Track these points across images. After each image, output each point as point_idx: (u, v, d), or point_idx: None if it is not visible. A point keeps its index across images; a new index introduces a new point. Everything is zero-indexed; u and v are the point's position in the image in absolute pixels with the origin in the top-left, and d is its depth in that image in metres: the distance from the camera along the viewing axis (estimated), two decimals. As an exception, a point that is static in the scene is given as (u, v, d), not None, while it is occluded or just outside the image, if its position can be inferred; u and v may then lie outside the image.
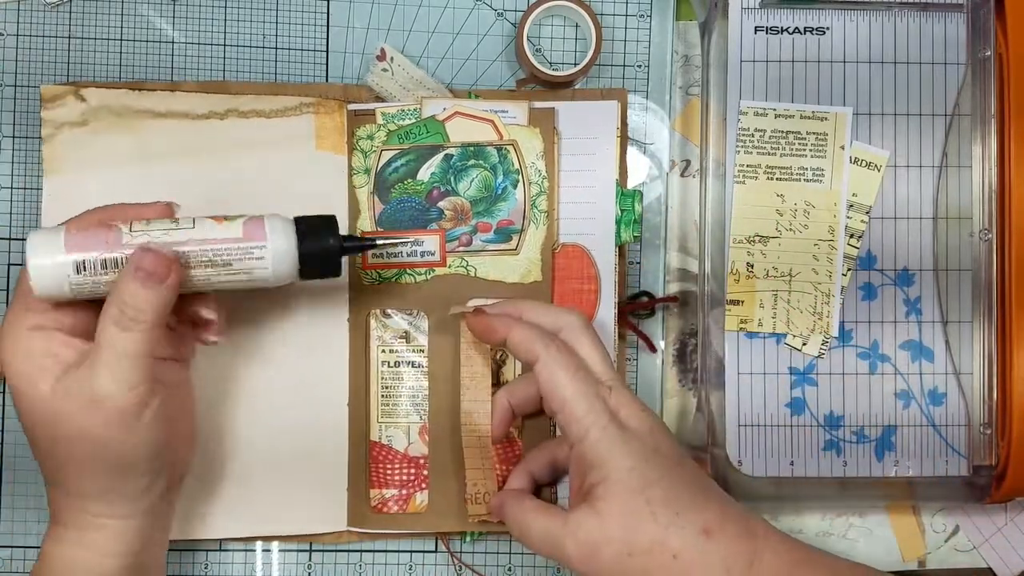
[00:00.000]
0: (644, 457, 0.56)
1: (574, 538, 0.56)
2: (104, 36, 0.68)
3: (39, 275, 0.53)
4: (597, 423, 0.56)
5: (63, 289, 0.54)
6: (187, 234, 0.55)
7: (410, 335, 0.67)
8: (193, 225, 0.56)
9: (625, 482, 0.56)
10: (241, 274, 0.56)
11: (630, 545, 0.55)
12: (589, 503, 0.56)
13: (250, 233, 0.56)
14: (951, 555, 0.71)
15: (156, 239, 0.55)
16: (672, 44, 0.70)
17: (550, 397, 0.58)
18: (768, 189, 0.67)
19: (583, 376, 0.58)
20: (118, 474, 0.56)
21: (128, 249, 0.54)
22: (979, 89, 0.66)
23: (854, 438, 0.67)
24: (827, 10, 0.67)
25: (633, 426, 0.57)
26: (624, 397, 0.58)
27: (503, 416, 0.64)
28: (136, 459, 0.56)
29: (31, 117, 0.68)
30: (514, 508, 0.60)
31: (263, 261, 0.56)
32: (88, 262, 0.54)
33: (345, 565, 0.69)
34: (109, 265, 0.54)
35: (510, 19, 0.69)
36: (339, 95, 0.67)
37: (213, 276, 0.56)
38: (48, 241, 0.54)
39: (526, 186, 0.67)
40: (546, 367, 0.58)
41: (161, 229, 0.55)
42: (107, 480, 0.56)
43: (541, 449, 0.64)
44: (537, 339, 0.58)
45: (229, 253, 0.56)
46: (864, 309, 0.67)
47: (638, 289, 0.69)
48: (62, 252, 0.54)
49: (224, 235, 0.56)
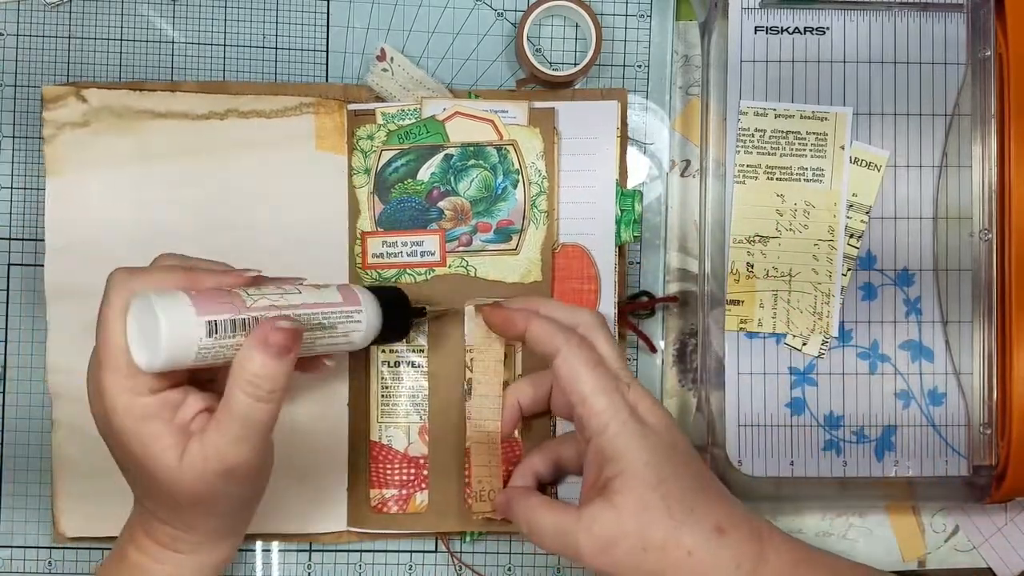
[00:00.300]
0: (662, 453, 0.56)
1: (588, 532, 0.56)
2: (104, 36, 0.68)
3: (173, 338, 0.49)
4: (617, 417, 0.57)
5: (189, 354, 0.50)
6: (300, 298, 0.55)
7: (410, 335, 0.67)
8: (300, 290, 0.56)
9: (642, 476, 0.56)
10: (340, 336, 0.57)
11: (645, 540, 0.55)
12: (605, 497, 0.56)
13: (347, 299, 0.57)
14: (951, 555, 0.71)
15: (276, 302, 0.54)
16: (672, 44, 0.70)
17: (570, 390, 0.58)
18: (768, 189, 0.67)
19: (603, 371, 0.58)
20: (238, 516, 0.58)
21: (253, 312, 0.52)
22: (979, 89, 0.66)
23: (854, 438, 0.67)
24: (827, 10, 0.67)
25: (651, 422, 0.57)
26: (641, 393, 0.58)
27: (512, 415, 0.65)
28: (252, 503, 0.58)
29: (31, 117, 0.68)
30: (522, 505, 0.60)
31: (360, 325, 0.58)
32: (220, 323, 0.51)
33: (345, 565, 0.69)
34: (238, 327, 0.52)
35: (510, 19, 0.69)
36: (339, 95, 0.67)
37: (319, 339, 0.56)
38: (175, 303, 0.50)
39: (526, 186, 0.67)
40: (567, 360, 0.58)
41: (276, 293, 0.54)
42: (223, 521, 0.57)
43: (545, 448, 0.64)
44: (558, 332, 0.59)
45: (335, 317, 0.56)
46: (864, 309, 0.67)
47: (638, 289, 0.69)
48: (192, 314, 0.50)
49: (328, 300, 0.56)
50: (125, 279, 0.52)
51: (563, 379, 0.58)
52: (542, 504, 0.59)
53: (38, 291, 0.66)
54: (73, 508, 0.66)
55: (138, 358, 0.51)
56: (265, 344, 0.51)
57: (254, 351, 0.51)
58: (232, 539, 0.59)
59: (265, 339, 0.51)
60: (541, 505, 0.59)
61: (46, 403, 0.67)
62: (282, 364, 0.52)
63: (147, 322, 0.50)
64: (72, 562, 0.68)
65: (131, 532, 0.58)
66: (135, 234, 0.66)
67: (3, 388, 0.68)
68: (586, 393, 0.57)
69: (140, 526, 0.57)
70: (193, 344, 0.50)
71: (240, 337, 0.52)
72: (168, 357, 0.50)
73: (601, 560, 0.56)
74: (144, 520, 0.57)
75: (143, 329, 0.50)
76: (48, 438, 0.67)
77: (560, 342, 0.58)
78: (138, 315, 0.51)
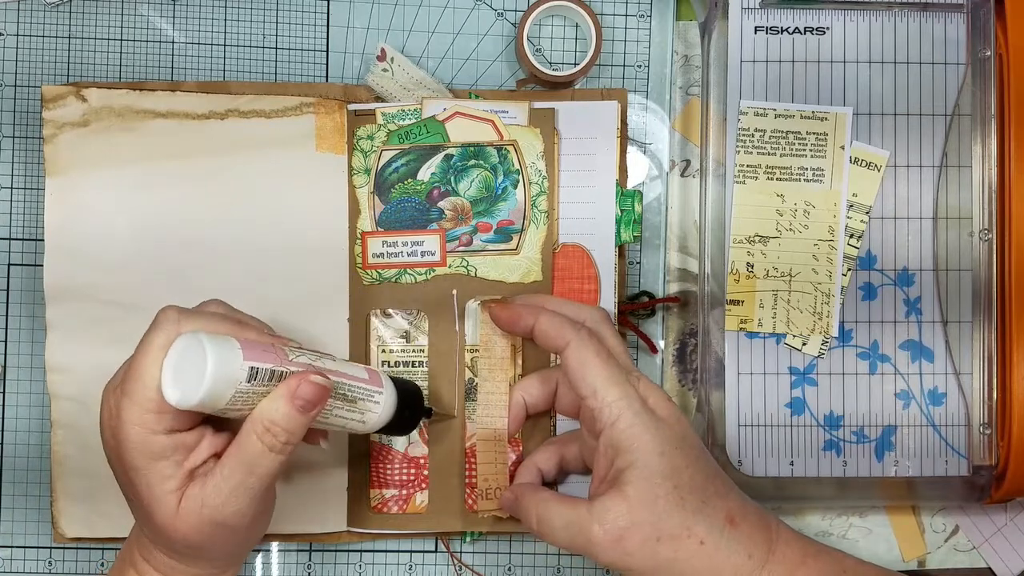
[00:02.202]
0: (674, 444, 0.57)
1: (601, 524, 0.56)
2: (104, 36, 0.68)
3: (216, 377, 0.49)
4: (630, 408, 0.57)
5: (225, 396, 0.50)
6: (333, 365, 0.55)
7: (410, 335, 0.67)
8: (336, 359, 0.56)
9: (655, 467, 0.56)
10: (356, 413, 0.57)
11: (658, 530, 0.55)
12: (617, 488, 0.56)
13: (372, 379, 0.58)
14: (951, 555, 0.71)
15: (313, 362, 0.54)
16: (672, 44, 0.70)
17: (580, 383, 0.58)
18: (768, 189, 0.67)
19: (614, 363, 0.58)
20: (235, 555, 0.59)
21: (292, 367, 0.53)
22: (979, 89, 0.66)
23: (854, 438, 0.67)
24: (827, 10, 0.67)
25: (662, 414, 0.58)
26: (650, 386, 0.59)
27: (517, 413, 0.65)
28: (249, 544, 0.59)
29: (31, 117, 0.68)
30: (532, 500, 0.60)
31: (377, 406, 0.58)
32: (260, 371, 0.51)
33: (345, 565, 0.69)
34: (274, 378, 0.52)
35: (510, 19, 0.69)
36: (339, 95, 0.67)
37: (337, 409, 0.56)
38: (224, 343, 0.51)
39: (526, 186, 0.67)
40: (577, 353, 0.58)
41: (314, 354, 0.55)
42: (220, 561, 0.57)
43: (548, 446, 0.65)
44: (567, 326, 0.59)
45: (358, 391, 0.57)
46: (864, 309, 0.67)
47: (638, 289, 0.69)
48: (239, 356, 0.51)
49: (355, 373, 0.57)
50: (175, 318, 0.52)
51: (573, 371, 0.58)
52: (552, 498, 0.59)
53: (38, 291, 0.66)
54: (72, 508, 0.66)
55: (171, 395, 0.50)
56: (293, 395, 0.51)
57: (281, 399, 0.52)
58: (232, 569, 0.60)
59: (295, 390, 0.52)
60: (551, 499, 0.59)
61: (45, 403, 0.67)
62: (303, 418, 0.52)
63: (192, 358, 0.50)
64: (72, 562, 0.68)
65: (131, 555, 0.58)
66: (135, 234, 0.66)
67: (3, 388, 0.68)
68: (597, 385, 0.57)
69: (139, 550, 0.57)
70: (232, 387, 0.50)
71: (271, 388, 0.52)
72: (205, 396, 0.50)
73: (614, 552, 0.56)
74: (144, 545, 0.57)
75: (184, 366, 0.50)
76: (48, 438, 0.67)
77: (570, 335, 0.59)
78: (183, 351, 0.51)
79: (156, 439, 0.52)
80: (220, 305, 0.56)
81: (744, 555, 0.56)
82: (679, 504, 0.56)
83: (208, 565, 0.57)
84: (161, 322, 0.52)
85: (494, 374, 0.66)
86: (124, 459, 0.52)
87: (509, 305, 0.63)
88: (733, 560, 0.56)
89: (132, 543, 0.58)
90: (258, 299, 0.66)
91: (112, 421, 0.52)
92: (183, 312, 0.53)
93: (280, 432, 0.52)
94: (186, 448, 0.53)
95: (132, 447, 0.52)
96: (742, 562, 0.56)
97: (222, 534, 0.54)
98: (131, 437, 0.51)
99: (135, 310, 0.65)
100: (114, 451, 0.53)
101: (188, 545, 0.54)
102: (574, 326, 0.60)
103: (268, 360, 0.52)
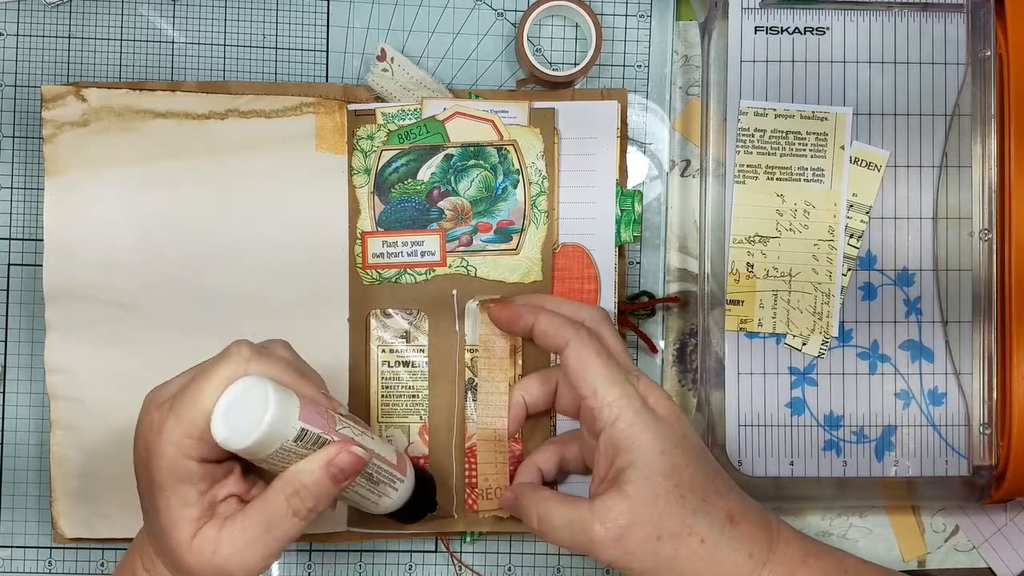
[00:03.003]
0: (674, 443, 0.57)
1: (602, 523, 0.56)
2: (104, 36, 0.68)
3: (270, 432, 0.50)
4: (631, 407, 0.57)
5: (269, 449, 0.50)
6: (371, 443, 0.55)
7: (410, 335, 0.67)
8: (374, 437, 0.56)
9: (656, 466, 0.56)
10: (375, 494, 0.57)
11: (659, 528, 0.55)
12: (618, 487, 0.56)
13: (399, 465, 0.58)
14: (951, 555, 0.71)
15: (355, 437, 0.54)
16: (672, 44, 0.70)
17: (580, 382, 0.58)
18: (768, 189, 0.67)
19: (614, 362, 0.58)
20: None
21: (335, 436, 0.53)
22: (979, 89, 0.66)
23: (854, 438, 0.67)
24: (827, 10, 0.67)
25: (662, 413, 0.58)
26: (650, 385, 0.59)
27: (517, 413, 0.65)
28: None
29: (31, 117, 0.68)
30: (533, 499, 0.60)
31: (395, 493, 0.58)
32: (309, 434, 0.51)
33: (345, 565, 0.69)
34: (318, 443, 0.52)
35: (510, 19, 0.69)
36: (339, 95, 0.67)
37: (358, 487, 0.56)
38: (287, 399, 0.51)
39: (526, 186, 0.67)
40: (577, 352, 0.58)
41: (358, 429, 0.55)
42: None
43: (548, 446, 0.65)
44: (567, 325, 0.59)
45: (384, 475, 0.57)
46: (864, 309, 0.67)
47: (638, 289, 0.69)
48: (296, 416, 0.51)
49: (386, 456, 0.57)
50: (247, 356, 0.52)
51: (573, 371, 0.58)
52: (553, 497, 0.59)
53: (38, 291, 0.66)
54: (72, 509, 0.66)
55: (219, 432, 0.50)
56: (331, 462, 0.52)
57: (317, 463, 0.52)
58: None
59: (333, 458, 0.52)
60: (552, 498, 0.59)
61: (45, 403, 0.67)
62: (334, 488, 0.52)
63: (251, 403, 0.50)
64: (72, 562, 0.68)
65: (133, 563, 0.57)
66: (135, 234, 0.66)
67: (2, 388, 0.68)
68: (597, 384, 0.57)
69: (142, 559, 0.56)
70: (279, 441, 0.50)
71: (311, 451, 0.52)
72: (253, 444, 0.50)
73: (615, 550, 0.56)
74: (146, 554, 0.56)
75: (240, 407, 0.50)
76: (47, 438, 0.67)
77: (570, 334, 0.59)
78: (245, 392, 0.50)
79: (188, 464, 0.51)
80: (287, 350, 0.56)
81: (745, 554, 0.56)
82: (680, 503, 0.56)
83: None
84: (232, 354, 0.52)
85: (494, 374, 0.66)
86: (152, 474, 0.52)
87: (508, 305, 0.63)
88: (734, 559, 0.56)
89: (136, 551, 0.57)
90: (258, 299, 0.66)
91: (151, 434, 0.52)
92: (255, 350, 0.53)
93: (308, 497, 0.52)
94: (213, 479, 0.53)
95: (164, 464, 0.51)
96: (743, 561, 0.56)
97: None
98: (166, 455, 0.51)
99: (135, 310, 0.66)
100: (144, 462, 0.53)
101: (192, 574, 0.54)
102: (573, 326, 0.60)
103: (318, 425, 0.52)
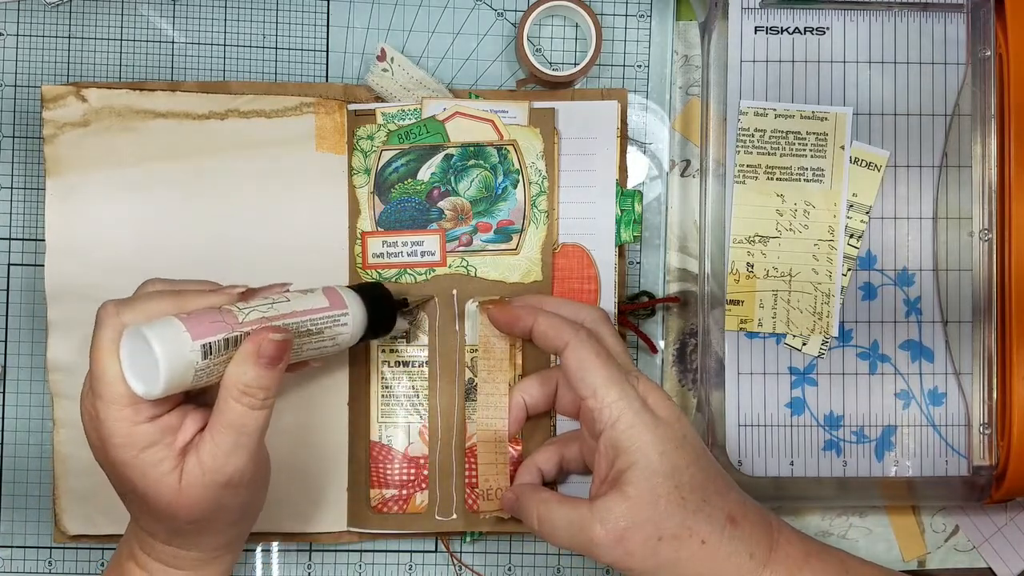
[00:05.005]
0: (674, 444, 0.57)
1: (603, 524, 0.56)
2: (104, 36, 0.68)
3: (170, 366, 0.50)
4: (630, 408, 0.57)
5: (187, 378, 0.51)
6: (288, 307, 0.55)
7: (410, 335, 0.67)
8: (289, 298, 0.56)
9: (656, 467, 0.56)
10: (327, 340, 0.57)
11: (660, 529, 0.55)
12: (618, 488, 0.56)
13: (333, 302, 0.57)
14: (951, 555, 0.71)
15: (266, 314, 0.54)
16: (672, 44, 0.70)
17: (580, 383, 0.58)
18: (768, 189, 0.67)
19: (613, 363, 0.58)
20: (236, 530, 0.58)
21: (245, 327, 0.53)
22: (979, 89, 0.66)
23: (854, 438, 0.67)
24: (827, 10, 0.67)
25: (662, 414, 0.58)
26: (650, 386, 0.59)
27: (518, 413, 0.65)
28: (251, 514, 0.58)
29: (31, 117, 0.68)
30: (533, 500, 0.60)
31: (346, 328, 0.58)
32: (214, 344, 0.51)
33: (345, 565, 0.69)
34: (231, 344, 0.52)
35: (510, 19, 0.69)
36: (339, 95, 0.67)
37: (306, 345, 0.56)
38: (168, 331, 0.50)
39: (526, 186, 0.67)
40: (576, 353, 0.58)
41: (266, 303, 0.55)
42: (223, 537, 0.57)
43: (548, 446, 0.65)
44: (566, 326, 0.59)
45: (322, 322, 0.57)
46: (864, 309, 0.67)
47: (638, 289, 0.69)
48: (188, 339, 0.50)
49: (315, 305, 0.57)
50: (114, 312, 0.52)
51: (572, 372, 0.58)
52: (553, 498, 0.59)
53: (38, 291, 0.66)
54: (75, 506, 0.66)
55: (136, 388, 0.51)
56: (257, 355, 0.52)
57: (247, 363, 0.52)
58: (231, 555, 0.60)
59: (257, 350, 0.52)
60: (552, 499, 0.59)
61: (46, 403, 0.67)
62: (273, 373, 0.53)
63: (142, 353, 0.50)
64: (72, 562, 0.68)
65: (130, 548, 0.58)
66: (135, 234, 0.66)
67: (3, 388, 0.68)
68: (597, 385, 0.57)
69: (139, 544, 0.57)
70: (190, 369, 0.51)
71: (233, 352, 0.52)
72: (167, 385, 0.50)
73: (616, 552, 0.56)
74: (143, 539, 0.57)
75: (138, 360, 0.51)
76: (48, 438, 0.67)
77: (569, 335, 0.59)
78: (132, 347, 0.51)
79: (140, 429, 0.52)
80: (159, 282, 0.56)
81: (746, 554, 0.56)
82: (680, 504, 0.56)
83: (211, 541, 0.57)
84: (103, 318, 0.52)
85: (494, 375, 0.66)
86: (112, 457, 0.53)
87: (507, 307, 0.63)
88: (735, 559, 0.56)
89: (129, 538, 0.58)
90: (258, 299, 0.66)
91: (93, 424, 0.53)
92: (120, 304, 0.53)
93: (256, 391, 0.52)
94: (172, 430, 0.53)
95: (118, 443, 0.52)
96: (743, 561, 0.56)
97: (227, 496, 0.54)
98: (115, 434, 0.52)
99: (135, 310, 0.66)
100: (102, 452, 0.53)
101: (194, 520, 0.54)
102: (573, 326, 0.60)
103: (218, 330, 0.52)
